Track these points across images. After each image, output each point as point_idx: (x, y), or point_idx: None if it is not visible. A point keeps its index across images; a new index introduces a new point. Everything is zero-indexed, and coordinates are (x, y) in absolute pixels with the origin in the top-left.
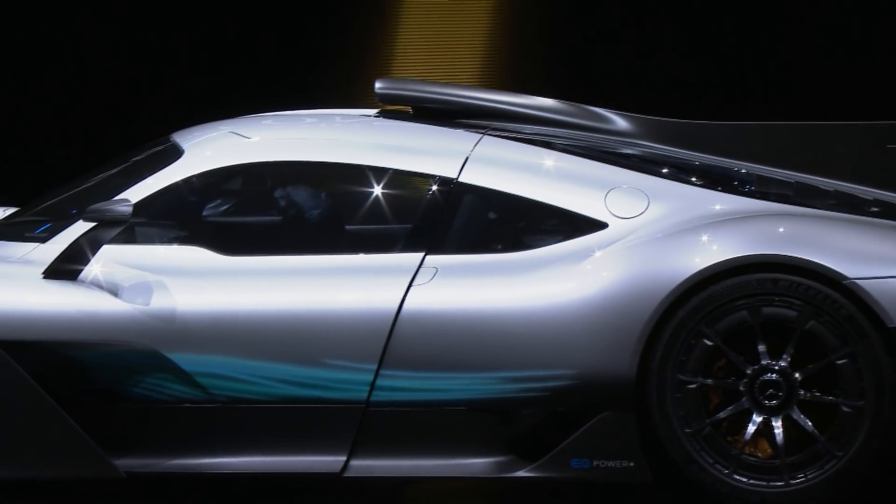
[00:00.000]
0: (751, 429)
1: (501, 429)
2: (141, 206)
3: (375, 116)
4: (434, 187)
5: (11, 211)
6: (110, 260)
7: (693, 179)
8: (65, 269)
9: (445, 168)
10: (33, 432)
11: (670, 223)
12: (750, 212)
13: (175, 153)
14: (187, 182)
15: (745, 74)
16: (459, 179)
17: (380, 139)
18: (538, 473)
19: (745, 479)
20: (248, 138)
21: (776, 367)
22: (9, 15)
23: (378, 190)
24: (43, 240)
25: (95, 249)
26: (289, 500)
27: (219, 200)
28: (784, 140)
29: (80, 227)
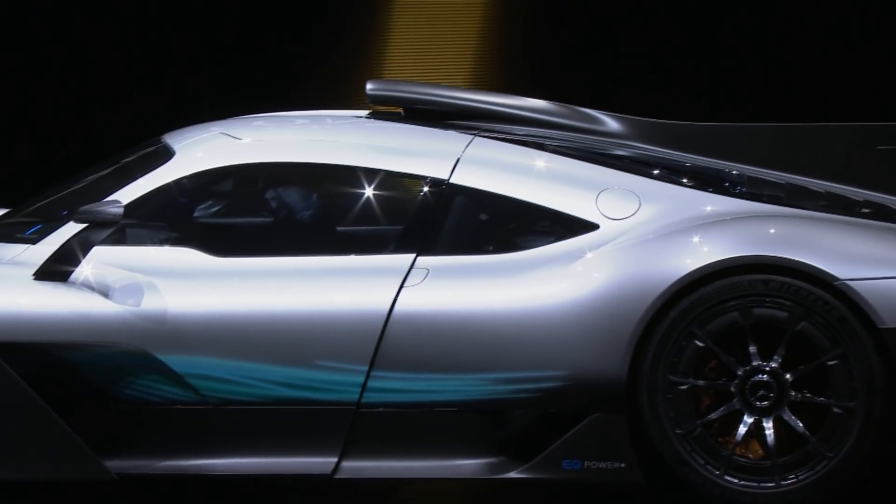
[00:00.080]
0: (742, 430)
1: (493, 430)
2: (132, 208)
3: (367, 118)
4: (425, 188)
5: (2, 212)
6: (101, 261)
7: (684, 181)
8: (56, 270)
9: (437, 169)
10: (23, 434)
11: (661, 224)
12: (741, 213)
13: (166, 154)
14: (178, 183)
15: (736, 76)
16: (451, 180)
17: (371, 140)
18: (530, 474)
19: (736, 480)
20: (240, 139)
21: (767, 368)
22: (8, 15)
23: (369, 191)
24: (34, 241)
25: (86, 251)
26: (281, 502)
27: (210, 202)
28: (775, 141)
29: (71, 229)
